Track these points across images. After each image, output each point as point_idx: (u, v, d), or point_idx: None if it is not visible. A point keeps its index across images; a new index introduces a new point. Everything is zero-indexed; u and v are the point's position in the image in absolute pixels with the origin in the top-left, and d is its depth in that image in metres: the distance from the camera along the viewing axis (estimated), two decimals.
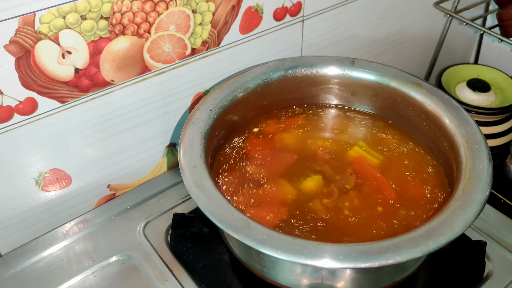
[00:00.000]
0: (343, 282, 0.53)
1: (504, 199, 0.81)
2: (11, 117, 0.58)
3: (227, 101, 0.64)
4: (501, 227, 0.68)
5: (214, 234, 0.65)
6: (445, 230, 0.48)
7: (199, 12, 0.65)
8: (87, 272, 0.63)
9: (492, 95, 0.91)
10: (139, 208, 0.72)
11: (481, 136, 0.58)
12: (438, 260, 0.63)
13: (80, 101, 0.62)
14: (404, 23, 0.94)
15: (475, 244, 0.64)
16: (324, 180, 0.62)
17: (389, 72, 0.68)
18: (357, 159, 0.65)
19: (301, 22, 0.77)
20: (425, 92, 0.65)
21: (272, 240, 0.47)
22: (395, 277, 0.55)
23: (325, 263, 0.46)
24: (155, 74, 0.67)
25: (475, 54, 1.13)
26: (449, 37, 1.02)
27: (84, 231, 0.68)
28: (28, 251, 0.66)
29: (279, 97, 0.71)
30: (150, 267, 0.63)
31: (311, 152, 0.66)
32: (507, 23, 0.88)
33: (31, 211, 0.67)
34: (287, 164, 0.65)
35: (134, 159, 0.73)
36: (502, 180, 0.84)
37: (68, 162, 0.66)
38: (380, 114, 0.71)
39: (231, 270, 0.62)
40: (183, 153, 0.56)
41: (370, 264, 0.45)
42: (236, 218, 0.49)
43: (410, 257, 0.46)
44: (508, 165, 0.84)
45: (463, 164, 0.56)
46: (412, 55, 1.03)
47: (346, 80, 0.70)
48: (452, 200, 0.52)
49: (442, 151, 0.63)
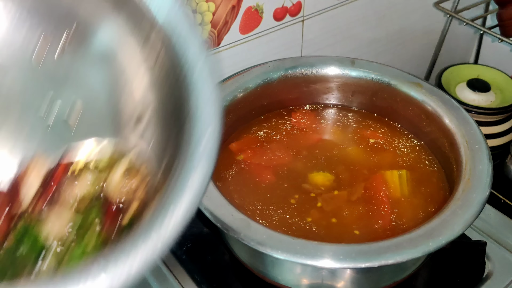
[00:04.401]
0: (343, 282, 0.53)
1: (504, 199, 0.81)
2: None
3: (227, 101, 0.64)
4: (501, 227, 0.68)
5: (214, 234, 0.65)
6: (445, 230, 0.48)
7: (199, 12, 0.65)
8: None
9: (492, 95, 0.91)
10: None
11: (481, 136, 0.58)
12: (438, 260, 0.63)
13: None
14: (404, 23, 0.94)
15: (475, 244, 0.64)
16: (335, 182, 0.62)
17: (389, 72, 0.68)
18: (378, 178, 0.62)
19: (301, 22, 0.77)
20: (425, 92, 0.65)
21: (272, 240, 0.47)
22: (395, 277, 0.55)
23: (325, 263, 0.46)
24: None
25: (475, 54, 1.13)
26: (449, 37, 1.02)
27: None
28: None
29: (279, 97, 0.70)
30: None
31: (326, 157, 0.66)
32: (507, 23, 0.87)
33: None
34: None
35: None
36: (502, 180, 0.84)
37: None
38: (380, 114, 0.71)
39: (231, 270, 0.62)
40: None
41: (370, 264, 0.45)
42: (236, 218, 0.49)
43: (410, 257, 0.46)
44: (508, 165, 0.84)
45: (463, 164, 0.56)
46: (412, 55, 1.03)
47: (346, 80, 0.70)
48: (452, 200, 0.52)
49: (442, 151, 0.63)
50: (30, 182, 0.39)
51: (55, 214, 0.38)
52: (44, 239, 0.37)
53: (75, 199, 0.39)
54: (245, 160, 0.64)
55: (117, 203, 0.39)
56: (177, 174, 0.36)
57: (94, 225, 0.39)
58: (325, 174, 0.62)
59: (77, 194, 0.39)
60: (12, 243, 0.37)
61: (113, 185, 0.40)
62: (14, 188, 0.39)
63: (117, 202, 0.40)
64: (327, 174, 0.62)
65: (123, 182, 0.40)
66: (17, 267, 0.36)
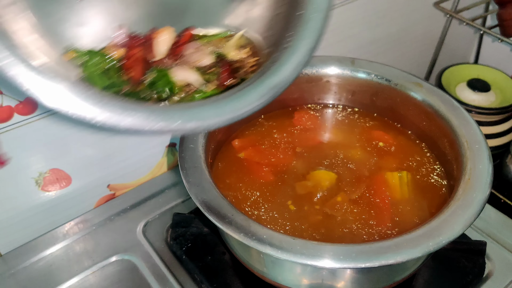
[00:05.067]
0: (343, 282, 0.53)
1: (504, 199, 0.81)
2: (11, 117, 0.58)
3: None
4: (501, 227, 0.68)
5: (214, 234, 0.65)
6: (445, 230, 0.48)
7: None
8: (87, 272, 0.63)
9: (492, 95, 0.91)
10: (139, 208, 0.72)
11: (481, 136, 0.58)
12: (438, 260, 0.63)
13: None
14: (404, 23, 0.94)
15: (475, 244, 0.64)
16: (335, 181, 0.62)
17: (389, 72, 0.68)
18: (378, 179, 0.62)
19: None
20: (425, 92, 0.65)
21: (272, 240, 0.47)
22: (395, 277, 0.55)
23: (325, 263, 0.46)
24: None
25: (475, 54, 1.13)
26: (449, 37, 1.02)
27: (84, 231, 0.68)
28: (28, 251, 0.66)
29: (279, 97, 0.70)
30: (150, 267, 0.63)
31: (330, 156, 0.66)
32: (507, 23, 0.87)
33: (31, 211, 0.67)
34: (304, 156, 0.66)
35: (134, 159, 0.73)
36: (502, 180, 0.84)
37: (68, 162, 0.66)
38: (380, 114, 0.71)
39: (231, 270, 0.62)
40: (183, 153, 0.56)
41: (370, 264, 0.45)
42: (236, 218, 0.49)
43: (410, 257, 0.46)
44: (508, 165, 0.84)
45: (463, 164, 0.56)
46: (412, 55, 1.03)
47: (346, 80, 0.70)
48: (452, 200, 0.52)
49: (443, 151, 0.63)
50: (162, 43, 0.48)
51: (181, 69, 0.48)
52: (172, 84, 0.47)
53: (197, 61, 0.49)
54: (247, 159, 0.64)
55: (231, 66, 0.49)
56: (288, 44, 0.46)
57: (212, 81, 0.48)
58: (325, 173, 0.62)
59: (198, 57, 0.49)
60: (147, 83, 0.47)
61: (229, 53, 0.51)
62: (149, 45, 0.48)
63: (232, 65, 0.49)
64: (327, 173, 0.62)
65: (238, 51, 0.51)
66: (150, 100, 0.46)
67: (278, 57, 0.46)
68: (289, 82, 0.46)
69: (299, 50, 0.46)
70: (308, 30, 0.47)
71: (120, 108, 0.38)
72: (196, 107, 0.42)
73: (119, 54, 0.47)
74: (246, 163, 0.64)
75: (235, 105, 0.42)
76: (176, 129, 0.40)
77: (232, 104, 0.43)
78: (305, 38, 0.46)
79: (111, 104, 0.38)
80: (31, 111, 0.59)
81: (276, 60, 0.46)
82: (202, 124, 0.41)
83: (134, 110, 0.39)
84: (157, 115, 0.39)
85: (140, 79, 0.47)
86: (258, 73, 0.47)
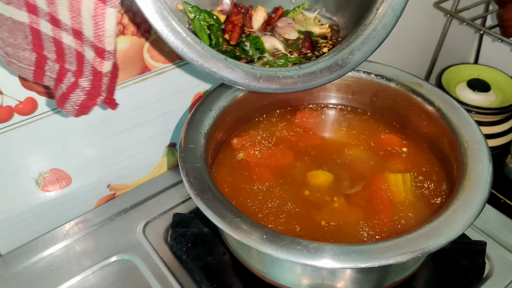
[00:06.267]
0: (343, 282, 0.53)
1: (504, 199, 0.81)
2: (11, 117, 0.58)
3: (227, 101, 0.64)
4: (501, 227, 0.68)
5: (214, 234, 0.65)
6: (445, 230, 0.48)
7: None
8: (87, 272, 0.63)
9: (492, 95, 0.91)
10: (139, 208, 0.72)
11: (481, 136, 0.58)
12: (438, 260, 0.63)
13: None
14: (404, 23, 0.94)
15: (475, 244, 0.64)
16: (334, 181, 0.62)
17: (389, 72, 0.68)
18: (379, 180, 0.62)
19: None
20: (425, 92, 0.65)
21: (272, 240, 0.47)
22: (395, 277, 0.55)
23: (325, 263, 0.46)
24: (155, 74, 0.67)
25: (475, 54, 1.13)
26: (449, 37, 1.02)
27: (84, 231, 0.68)
28: (28, 251, 0.66)
29: (279, 97, 0.71)
30: (150, 267, 0.63)
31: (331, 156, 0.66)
32: (507, 23, 0.88)
33: (31, 211, 0.67)
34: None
35: (134, 159, 0.73)
36: (502, 180, 0.85)
37: (68, 162, 0.66)
38: (380, 114, 0.71)
39: (231, 270, 0.62)
40: (183, 153, 0.56)
41: (370, 264, 0.45)
42: (236, 218, 0.49)
43: (410, 257, 0.46)
44: (508, 165, 0.84)
45: (463, 164, 0.56)
46: (412, 55, 1.03)
47: (346, 80, 0.70)
48: (452, 200, 0.52)
49: (443, 151, 0.63)
50: (258, 17, 0.60)
51: (271, 38, 0.59)
52: (262, 47, 0.58)
53: (285, 33, 0.60)
54: (246, 159, 0.64)
55: (312, 41, 0.59)
56: (361, 32, 0.56)
57: (294, 51, 0.59)
58: (325, 173, 0.62)
59: (286, 31, 0.60)
60: (241, 45, 0.58)
61: (312, 29, 0.61)
62: (247, 17, 0.59)
63: (312, 41, 0.59)
64: (327, 173, 0.62)
65: (319, 27, 0.62)
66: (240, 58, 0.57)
67: (351, 43, 0.57)
68: (357, 65, 0.57)
69: (371, 40, 0.56)
70: (381, 25, 0.56)
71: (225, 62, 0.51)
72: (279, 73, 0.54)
73: (222, 18, 0.58)
74: (246, 163, 0.64)
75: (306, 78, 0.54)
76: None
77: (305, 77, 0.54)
78: (377, 31, 0.56)
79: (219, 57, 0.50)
80: (31, 111, 0.59)
81: (349, 45, 0.57)
82: (283, 87, 0.54)
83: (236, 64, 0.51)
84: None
85: (237, 41, 0.57)
86: (332, 52, 0.57)
